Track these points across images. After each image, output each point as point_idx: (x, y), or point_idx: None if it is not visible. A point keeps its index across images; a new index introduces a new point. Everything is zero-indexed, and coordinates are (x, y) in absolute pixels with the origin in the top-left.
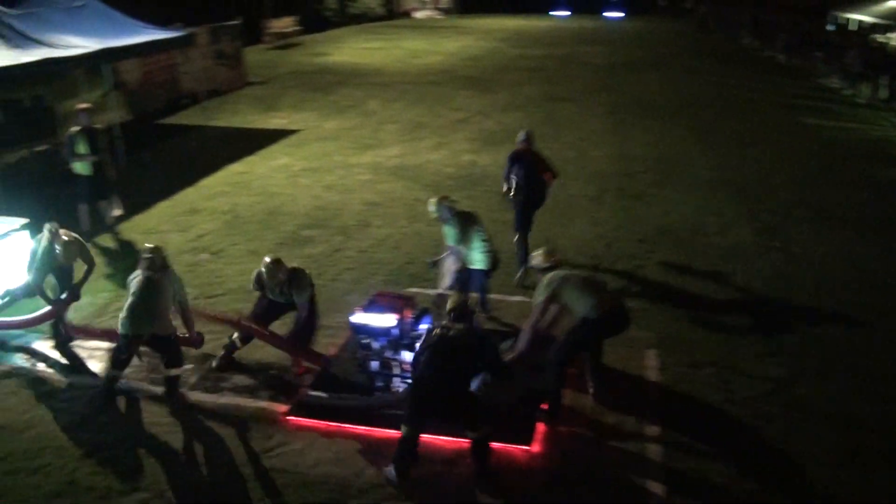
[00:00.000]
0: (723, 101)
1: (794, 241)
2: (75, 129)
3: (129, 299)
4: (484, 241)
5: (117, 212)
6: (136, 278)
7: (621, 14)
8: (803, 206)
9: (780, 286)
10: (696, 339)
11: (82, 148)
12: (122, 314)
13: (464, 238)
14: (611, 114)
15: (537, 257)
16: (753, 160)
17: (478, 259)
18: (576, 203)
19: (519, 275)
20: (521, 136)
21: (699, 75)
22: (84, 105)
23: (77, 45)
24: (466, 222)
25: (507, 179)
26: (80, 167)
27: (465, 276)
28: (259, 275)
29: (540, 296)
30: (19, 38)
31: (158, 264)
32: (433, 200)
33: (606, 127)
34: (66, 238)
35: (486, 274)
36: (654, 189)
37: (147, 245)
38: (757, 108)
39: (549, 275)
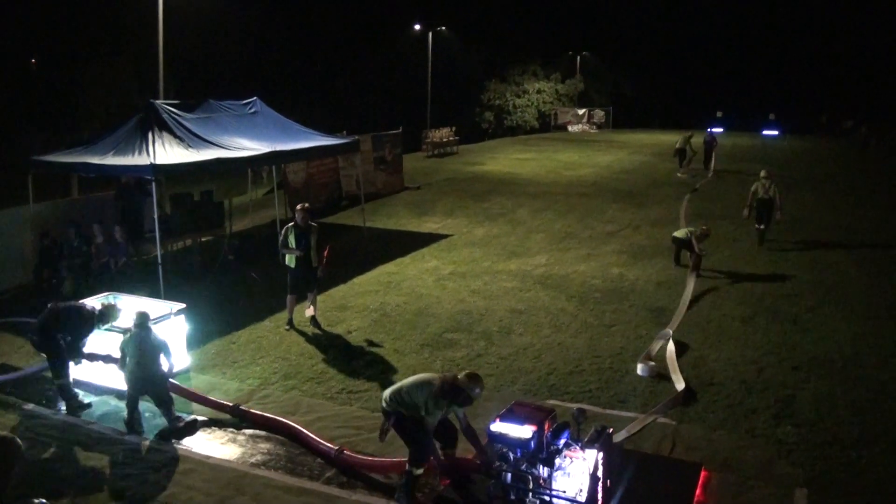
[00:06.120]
0: (883, 225)
1: None
2: (290, 224)
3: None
4: None
5: (310, 310)
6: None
7: (777, 132)
8: None
9: None
10: (847, 479)
11: (291, 242)
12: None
13: None
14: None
15: None
16: None
17: None
18: (727, 323)
19: None
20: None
21: (858, 197)
22: (302, 205)
23: (247, 147)
24: None
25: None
26: (288, 259)
27: None
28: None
29: None
30: (194, 140)
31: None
32: None
33: (761, 246)
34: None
35: None
36: (809, 313)
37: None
38: None
39: None
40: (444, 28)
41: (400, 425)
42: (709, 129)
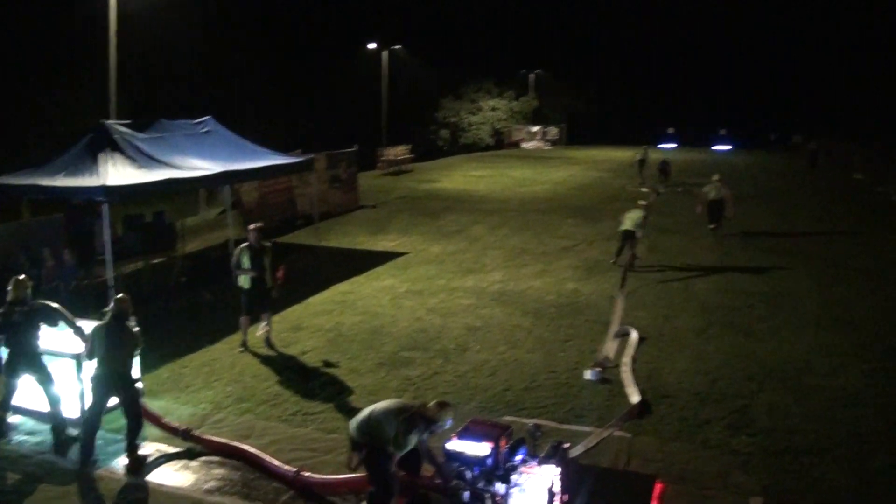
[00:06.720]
0: (833, 237)
1: None
2: (243, 245)
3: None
4: None
5: (262, 330)
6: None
7: (729, 147)
8: None
9: (894, 435)
10: (802, 487)
11: (245, 262)
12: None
13: None
14: (717, 245)
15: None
16: (865, 298)
17: None
18: (681, 336)
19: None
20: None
21: (808, 210)
22: (255, 225)
23: (200, 167)
24: None
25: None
26: (242, 280)
27: None
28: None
29: None
30: (146, 160)
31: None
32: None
33: (714, 259)
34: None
35: None
36: (761, 324)
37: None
38: (869, 244)
39: None
40: (399, 46)
41: (371, 460)
42: (663, 159)
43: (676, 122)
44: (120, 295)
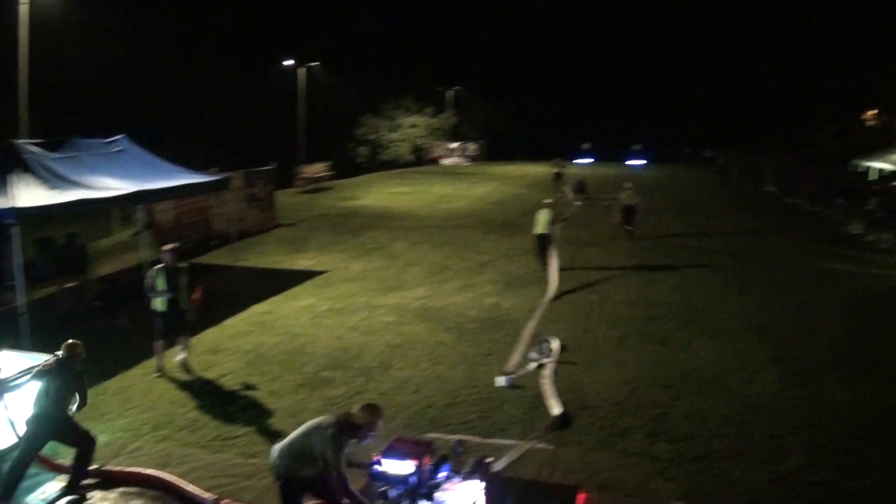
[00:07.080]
0: (746, 247)
1: (822, 390)
2: (158, 266)
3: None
4: None
5: (181, 355)
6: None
7: (643, 162)
8: (830, 352)
9: (808, 436)
10: (721, 490)
11: (160, 284)
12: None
13: None
14: (633, 257)
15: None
16: (779, 306)
17: None
18: (599, 347)
19: None
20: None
21: (722, 221)
22: (170, 246)
23: (113, 187)
24: None
25: None
26: (158, 303)
27: None
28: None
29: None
30: (58, 180)
31: None
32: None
33: (630, 270)
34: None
35: None
36: (678, 333)
37: None
38: (781, 253)
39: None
40: (317, 63)
41: (287, 489)
42: (578, 179)
43: (593, 138)
44: (71, 340)
